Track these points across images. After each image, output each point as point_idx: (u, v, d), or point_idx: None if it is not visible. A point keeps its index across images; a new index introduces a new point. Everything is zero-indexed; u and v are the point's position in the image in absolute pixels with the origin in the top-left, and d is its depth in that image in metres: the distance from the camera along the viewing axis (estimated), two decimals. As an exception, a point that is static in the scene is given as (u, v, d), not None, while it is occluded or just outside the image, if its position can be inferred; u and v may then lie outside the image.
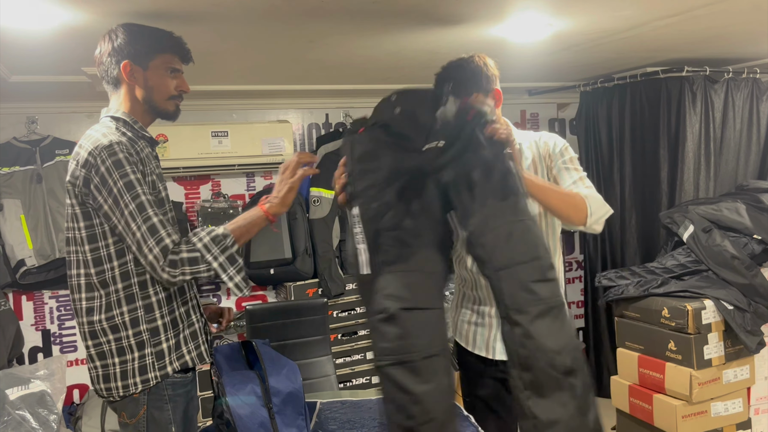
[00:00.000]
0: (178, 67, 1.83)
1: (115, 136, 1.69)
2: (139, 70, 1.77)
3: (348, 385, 3.64)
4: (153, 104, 1.81)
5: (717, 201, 3.29)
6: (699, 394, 2.84)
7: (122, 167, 1.64)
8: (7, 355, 2.92)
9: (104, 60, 1.79)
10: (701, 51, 3.22)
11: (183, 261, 1.63)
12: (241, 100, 3.77)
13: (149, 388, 1.72)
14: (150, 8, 1.96)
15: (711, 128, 3.53)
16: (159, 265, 1.62)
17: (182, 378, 1.77)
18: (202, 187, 3.82)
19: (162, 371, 1.72)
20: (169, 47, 1.81)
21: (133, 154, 1.69)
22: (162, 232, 1.63)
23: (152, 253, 1.62)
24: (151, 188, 1.73)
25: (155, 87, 1.80)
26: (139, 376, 1.71)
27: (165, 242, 1.63)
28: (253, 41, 2.45)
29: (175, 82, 1.82)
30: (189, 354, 1.78)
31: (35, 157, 3.37)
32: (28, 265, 3.27)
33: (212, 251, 1.67)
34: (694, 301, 2.88)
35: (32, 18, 1.97)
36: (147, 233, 1.62)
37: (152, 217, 1.64)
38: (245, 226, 1.76)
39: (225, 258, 1.68)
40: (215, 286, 3.84)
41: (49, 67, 2.68)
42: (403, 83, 3.60)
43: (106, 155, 1.65)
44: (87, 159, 1.67)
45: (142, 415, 1.73)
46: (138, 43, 1.77)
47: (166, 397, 1.74)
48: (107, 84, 1.83)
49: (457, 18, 2.29)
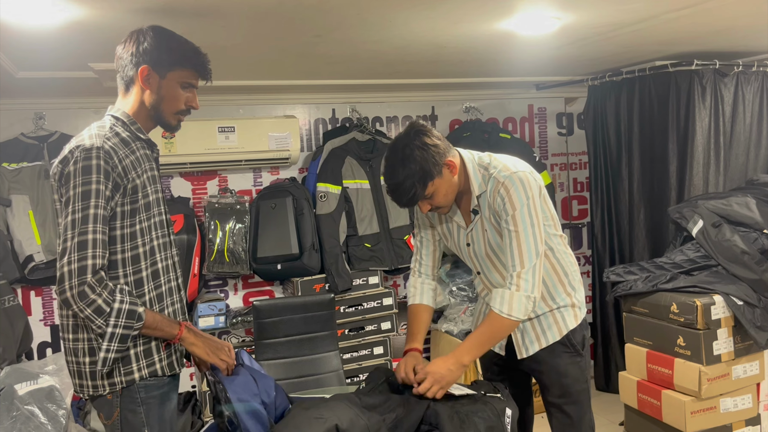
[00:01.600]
0: (194, 83, 1.82)
1: (99, 140, 1.66)
2: (155, 78, 1.76)
3: (355, 380, 3.65)
4: (159, 113, 1.80)
5: (727, 196, 3.26)
6: (708, 389, 2.82)
7: (89, 174, 1.62)
8: (16, 350, 2.93)
9: (124, 57, 1.77)
10: (711, 44, 3.20)
11: (92, 302, 1.59)
12: (248, 96, 3.77)
13: (120, 390, 1.71)
14: (158, 3, 1.95)
15: (721, 122, 3.50)
16: (68, 282, 1.58)
17: (157, 381, 1.76)
18: (209, 182, 3.82)
19: (128, 377, 1.71)
20: (191, 64, 1.79)
21: (113, 162, 1.66)
22: (89, 252, 1.59)
23: (69, 266, 1.58)
24: (132, 193, 1.70)
25: (166, 97, 1.78)
26: (106, 379, 1.71)
27: (86, 262, 1.58)
28: (260, 36, 2.44)
29: (186, 96, 1.81)
30: (160, 362, 1.76)
31: (43, 153, 3.38)
32: (37, 261, 3.28)
33: (119, 321, 1.62)
34: (704, 297, 2.86)
35: (39, 13, 1.97)
36: (75, 246, 1.58)
37: (88, 233, 1.60)
38: (157, 327, 1.71)
39: (120, 333, 1.63)
40: (222, 282, 3.85)
41: (57, 63, 2.69)
42: (411, 78, 3.62)
43: (81, 157, 1.63)
44: (66, 155, 1.67)
45: (116, 417, 1.73)
46: (163, 51, 1.75)
47: (138, 400, 1.73)
48: (120, 80, 1.81)
49: (465, 11, 2.28)
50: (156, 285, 1.78)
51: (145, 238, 1.75)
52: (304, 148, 4.00)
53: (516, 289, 1.90)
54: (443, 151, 1.92)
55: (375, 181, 3.79)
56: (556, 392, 2.10)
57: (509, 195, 1.91)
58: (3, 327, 2.81)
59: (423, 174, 1.88)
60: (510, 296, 1.90)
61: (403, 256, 3.76)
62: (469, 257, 2.12)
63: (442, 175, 1.92)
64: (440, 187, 1.93)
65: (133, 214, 1.72)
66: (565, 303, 2.08)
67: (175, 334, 1.74)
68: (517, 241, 1.90)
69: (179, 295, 1.89)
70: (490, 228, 2.00)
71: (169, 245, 1.86)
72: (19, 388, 2.66)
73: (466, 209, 2.07)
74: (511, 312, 1.90)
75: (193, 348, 1.78)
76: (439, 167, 1.90)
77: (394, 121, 4.21)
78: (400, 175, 1.88)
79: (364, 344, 3.72)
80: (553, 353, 2.07)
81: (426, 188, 1.90)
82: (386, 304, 3.75)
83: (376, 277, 3.76)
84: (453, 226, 2.12)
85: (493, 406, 1.84)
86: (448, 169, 1.93)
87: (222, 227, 3.57)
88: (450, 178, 1.95)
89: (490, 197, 1.96)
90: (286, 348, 3.00)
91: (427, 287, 2.22)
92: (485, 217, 2.00)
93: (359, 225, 3.74)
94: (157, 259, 1.79)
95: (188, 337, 1.77)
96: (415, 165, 1.87)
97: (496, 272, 2.07)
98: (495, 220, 1.97)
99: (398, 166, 1.89)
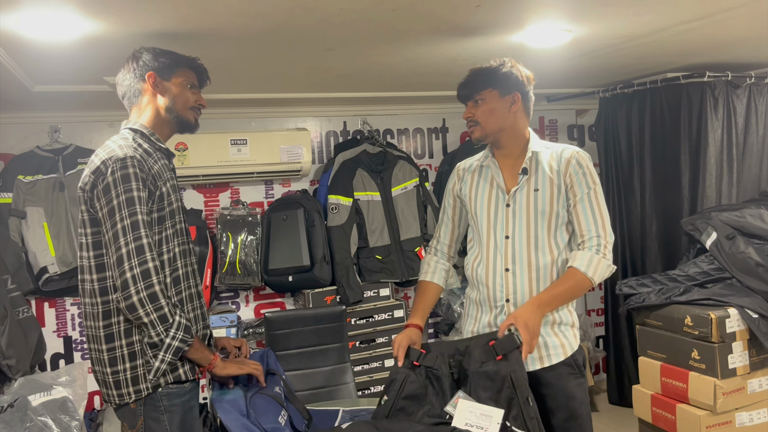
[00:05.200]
0: (195, 83, 1.91)
1: (130, 150, 1.72)
2: (162, 81, 1.84)
3: (366, 393, 3.63)
4: (175, 113, 1.86)
5: (740, 207, 3.24)
6: (723, 404, 2.79)
7: (129, 182, 1.67)
8: (30, 361, 2.95)
9: (127, 77, 1.86)
10: (723, 55, 3.19)
11: (161, 308, 1.64)
12: (260, 109, 3.80)
13: (144, 399, 1.74)
14: (172, 18, 1.98)
15: (733, 134, 3.48)
16: (134, 287, 1.62)
17: (178, 388, 1.78)
18: (221, 194, 3.84)
19: (154, 382, 1.74)
20: (188, 64, 1.89)
21: (146, 170, 1.72)
22: (147, 255, 1.64)
23: (132, 271, 1.62)
24: (159, 201, 1.76)
25: (177, 96, 1.86)
26: (132, 386, 1.74)
27: (148, 265, 1.64)
28: (272, 50, 2.46)
29: (194, 96, 1.90)
30: (183, 367, 1.78)
31: (58, 166, 3.41)
32: (51, 272, 3.31)
33: (177, 333, 1.68)
34: (718, 309, 2.83)
35: (56, 29, 1.99)
36: (133, 251, 1.63)
37: (142, 238, 1.65)
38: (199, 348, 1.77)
39: (176, 346, 1.69)
40: (234, 294, 3.86)
41: (72, 77, 2.72)
42: (422, 90, 3.63)
43: (118, 167, 1.68)
44: (98, 166, 1.71)
45: (140, 425, 1.76)
46: (161, 58, 1.85)
47: (161, 408, 1.76)
48: (128, 99, 1.88)
49: (476, 25, 2.29)
50: (177, 291, 1.82)
51: (169, 245, 1.80)
52: (316, 160, 4.02)
53: (602, 256, 1.92)
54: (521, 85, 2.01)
55: (386, 193, 3.80)
56: (561, 416, 2.02)
57: (590, 169, 1.99)
58: (17, 338, 2.83)
59: (495, 78, 1.98)
60: (597, 261, 1.92)
61: (414, 268, 3.75)
62: (504, 220, 2.04)
63: (503, 96, 1.99)
64: (494, 104, 1.99)
65: (161, 221, 1.77)
66: (567, 321, 2.04)
67: (211, 359, 1.79)
68: (600, 215, 1.96)
69: (199, 302, 1.92)
70: (544, 189, 1.99)
71: (188, 253, 1.90)
72: (32, 399, 2.68)
73: (511, 173, 2.05)
74: (594, 275, 1.92)
75: (227, 371, 1.83)
76: (507, 88, 1.98)
77: (404, 134, 4.22)
78: (484, 67, 2.02)
79: (375, 356, 3.71)
80: (559, 376, 2.02)
81: (485, 89, 1.98)
82: (397, 317, 3.74)
83: (387, 289, 3.76)
84: (489, 188, 2.08)
85: None
86: (512, 99, 2.00)
87: (234, 239, 3.59)
88: (505, 107, 2.00)
89: (561, 164, 1.99)
90: (297, 360, 3.00)
91: (440, 267, 2.22)
92: (540, 178, 2.00)
93: (370, 237, 3.74)
94: (178, 265, 1.83)
95: (219, 364, 1.82)
96: (498, 69, 1.99)
97: (526, 238, 2.00)
98: (557, 183, 1.98)
99: (491, 61, 2.03)
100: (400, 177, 3.84)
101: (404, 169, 3.86)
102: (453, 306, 3.89)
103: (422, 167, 4.08)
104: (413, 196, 3.85)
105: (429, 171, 4.24)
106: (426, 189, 3.90)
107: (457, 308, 3.87)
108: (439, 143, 4.30)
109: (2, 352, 2.73)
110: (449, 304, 3.93)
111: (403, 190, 3.84)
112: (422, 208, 3.86)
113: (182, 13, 1.94)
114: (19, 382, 2.77)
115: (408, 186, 3.85)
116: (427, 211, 3.87)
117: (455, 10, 2.09)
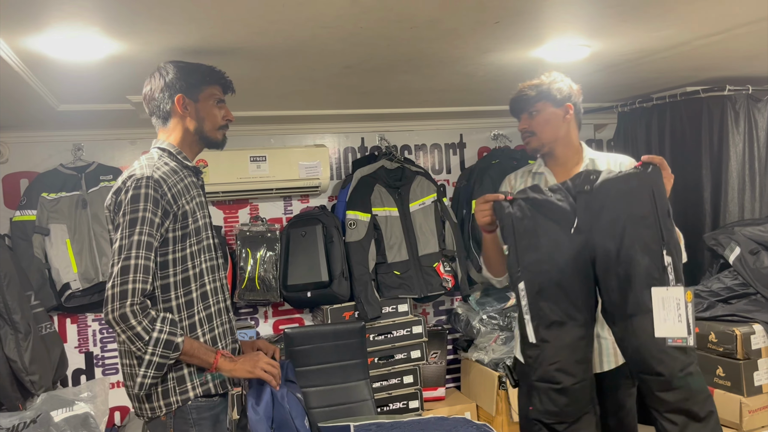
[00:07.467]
0: (222, 97, 1.93)
1: (150, 170, 1.76)
2: (191, 103, 1.87)
3: (385, 410, 3.61)
4: (204, 134, 1.90)
5: (763, 222, 3.19)
6: (749, 422, 2.74)
7: (137, 202, 1.71)
8: (52, 377, 2.98)
9: (156, 96, 1.88)
10: (743, 69, 3.16)
11: (132, 327, 1.65)
12: (279, 125, 3.83)
13: (174, 412, 1.77)
14: (194, 38, 2.01)
15: (755, 147, 3.44)
16: (110, 305, 1.65)
17: (207, 402, 1.81)
18: (241, 211, 3.87)
19: (183, 395, 1.77)
20: (214, 80, 1.91)
21: (163, 190, 1.74)
22: (130, 276, 1.66)
23: (113, 290, 1.66)
24: (183, 219, 1.78)
25: (206, 117, 1.89)
26: (162, 400, 1.77)
27: (127, 287, 1.65)
28: (292, 69, 2.49)
29: (222, 112, 1.92)
30: (213, 380, 1.81)
31: (81, 183, 3.46)
32: (73, 289, 3.35)
33: (156, 350, 1.69)
34: (743, 326, 2.79)
35: (81, 50, 2.04)
36: (119, 271, 1.66)
37: (131, 259, 1.67)
38: (194, 355, 1.76)
39: (157, 361, 1.69)
40: (253, 309, 3.87)
41: (96, 96, 2.77)
42: (440, 106, 3.64)
43: (132, 186, 1.73)
44: (119, 186, 1.77)
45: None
46: (188, 76, 1.87)
47: (191, 421, 1.78)
48: (157, 118, 1.91)
49: (495, 41, 2.30)
50: (205, 306, 1.85)
51: (195, 261, 1.83)
52: (334, 176, 4.04)
53: None
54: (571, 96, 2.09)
55: (404, 209, 3.80)
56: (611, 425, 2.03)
57: None
58: (40, 354, 2.87)
59: (548, 91, 2.05)
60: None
61: (432, 284, 3.74)
62: None
63: (556, 108, 2.05)
64: (549, 115, 2.05)
65: (183, 239, 1.79)
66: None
67: (211, 362, 1.79)
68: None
69: (228, 317, 1.95)
70: None
71: (217, 268, 1.93)
72: (55, 414, 2.70)
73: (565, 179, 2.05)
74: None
75: (233, 374, 1.83)
76: (560, 100, 2.06)
77: (422, 149, 4.23)
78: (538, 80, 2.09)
79: (393, 373, 3.69)
80: (614, 383, 2.02)
81: (539, 101, 2.03)
82: (416, 332, 3.73)
83: (405, 305, 3.74)
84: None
85: None
86: (565, 110, 2.08)
87: (253, 255, 3.61)
88: (560, 117, 2.07)
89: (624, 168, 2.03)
90: (317, 376, 3.00)
91: None
92: None
93: (388, 252, 3.74)
94: (206, 281, 1.86)
95: (224, 365, 1.80)
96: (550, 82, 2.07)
97: None
98: None
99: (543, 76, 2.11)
100: (418, 192, 3.84)
101: (422, 184, 3.87)
102: (472, 322, 3.87)
103: (440, 183, 4.08)
104: (431, 211, 3.84)
105: (447, 186, 4.24)
106: (444, 204, 3.90)
107: (476, 324, 3.84)
108: (457, 158, 4.30)
109: (26, 368, 2.76)
110: (468, 320, 3.90)
111: (421, 206, 3.84)
112: (440, 224, 3.86)
113: (204, 33, 1.97)
114: (41, 398, 2.80)
115: (426, 201, 3.85)
116: (445, 227, 3.86)
117: (474, 27, 2.10)
